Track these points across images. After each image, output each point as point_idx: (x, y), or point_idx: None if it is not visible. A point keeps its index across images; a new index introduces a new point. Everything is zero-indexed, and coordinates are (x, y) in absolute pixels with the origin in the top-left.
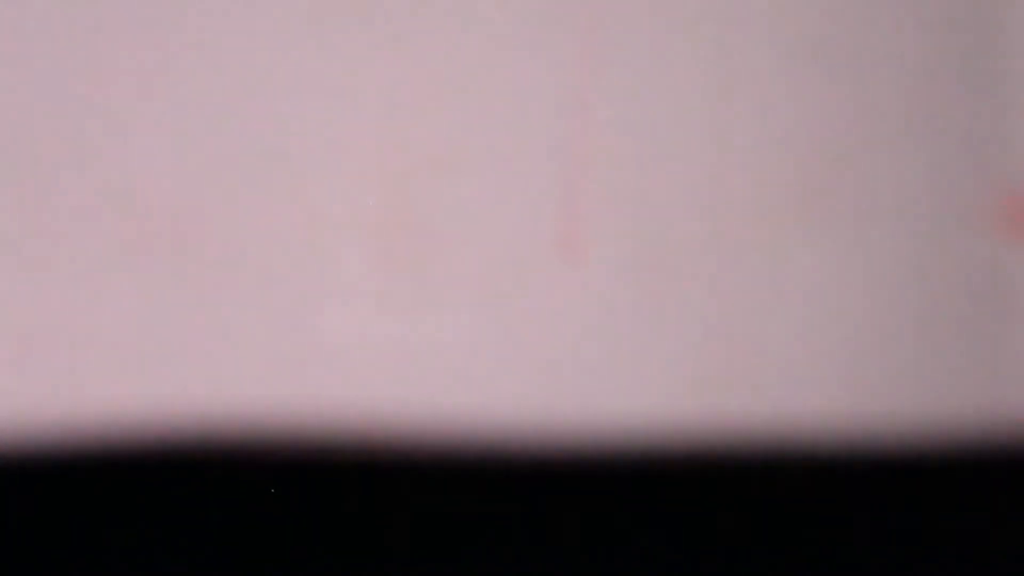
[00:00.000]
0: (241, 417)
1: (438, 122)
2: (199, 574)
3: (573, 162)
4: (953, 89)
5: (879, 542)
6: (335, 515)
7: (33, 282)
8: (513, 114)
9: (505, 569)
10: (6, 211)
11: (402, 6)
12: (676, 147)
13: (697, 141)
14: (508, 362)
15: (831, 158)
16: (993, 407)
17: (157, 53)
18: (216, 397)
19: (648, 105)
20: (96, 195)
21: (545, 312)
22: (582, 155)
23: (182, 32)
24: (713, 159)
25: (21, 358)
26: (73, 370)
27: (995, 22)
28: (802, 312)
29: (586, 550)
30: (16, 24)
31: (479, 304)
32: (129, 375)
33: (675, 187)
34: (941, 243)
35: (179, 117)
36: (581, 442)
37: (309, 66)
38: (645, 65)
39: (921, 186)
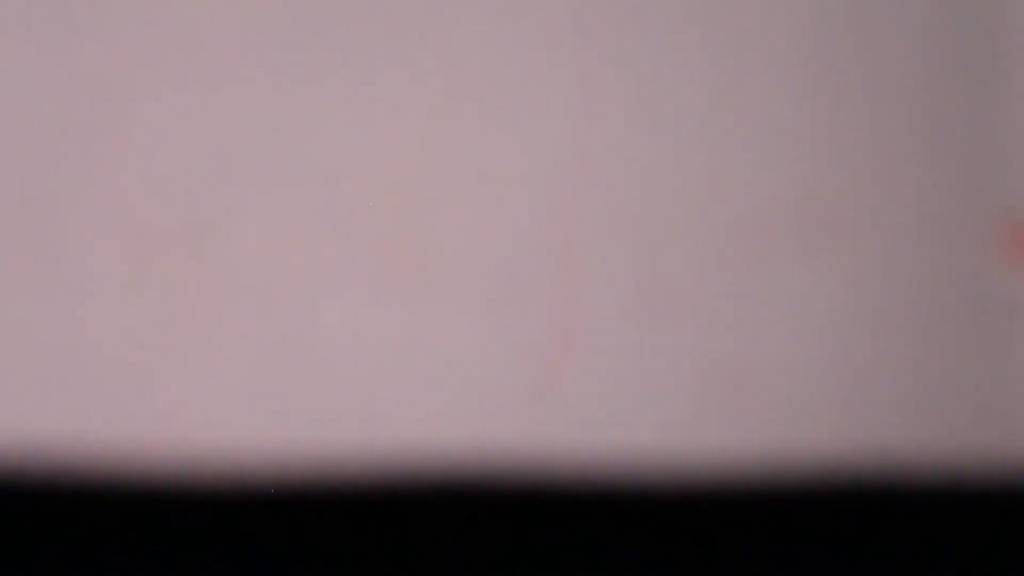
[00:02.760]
0: (242, 422)
1: (437, 126)
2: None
3: (573, 165)
4: (956, 115)
5: (880, 570)
6: (333, 518)
7: (34, 289)
8: (513, 117)
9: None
10: (11, 223)
11: (407, 14)
12: (676, 168)
13: (698, 162)
14: (505, 373)
15: (834, 185)
16: (995, 430)
17: (160, 62)
18: (217, 400)
19: (648, 119)
20: (105, 192)
21: (544, 324)
22: (582, 159)
23: (189, 46)
24: (713, 181)
25: (26, 369)
26: (82, 372)
27: (999, 48)
28: (802, 336)
29: (576, 563)
30: (26, 39)
31: (478, 307)
32: (132, 374)
33: (675, 205)
34: (943, 267)
35: (189, 125)
36: (575, 466)
37: (311, 74)
38: (644, 80)
39: (923, 210)
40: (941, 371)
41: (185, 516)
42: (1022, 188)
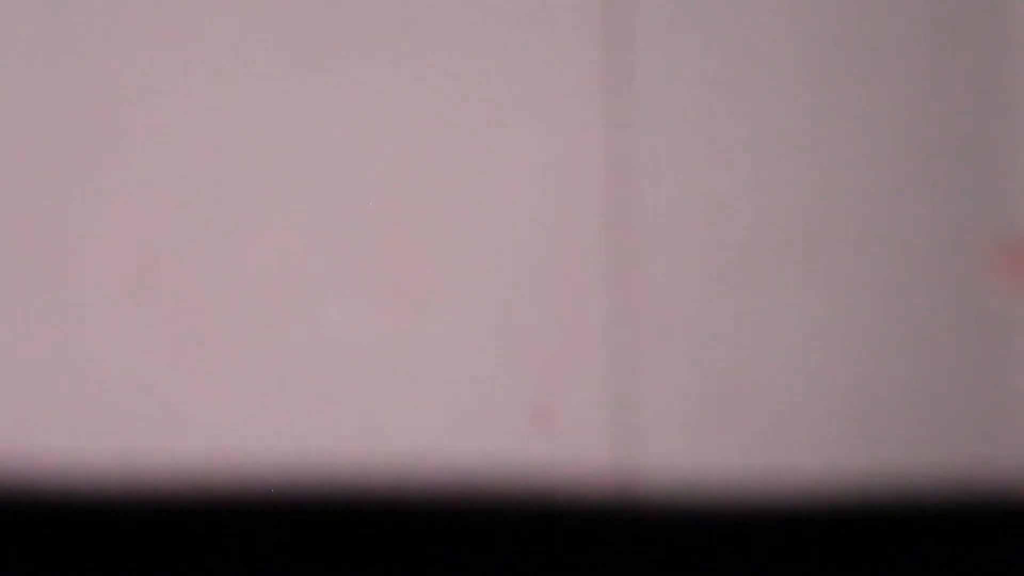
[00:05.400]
0: (244, 434)
1: (442, 134)
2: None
3: (577, 178)
4: (957, 133)
5: None
6: (334, 525)
7: (30, 305)
8: (516, 126)
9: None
10: (15, 231)
11: (409, 19)
12: (677, 183)
13: (699, 178)
14: (507, 383)
15: (835, 203)
16: (995, 448)
17: (163, 71)
18: (218, 412)
19: (650, 131)
20: (108, 200)
21: (547, 335)
22: (585, 171)
23: (194, 53)
24: (714, 197)
25: (28, 377)
26: (85, 379)
27: (1001, 65)
28: (802, 353)
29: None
30: (30, 45)
31: (481, 317)
32: (134, 381)
33: (676, 220)
34: (944, 285)
35: (191, 132)
36: (574, 481)
37: (313, 81)
38: (646, 92)
39: (924, 229)
40: (941, 389)
41: (187, 523)
42: (1022, 206)
